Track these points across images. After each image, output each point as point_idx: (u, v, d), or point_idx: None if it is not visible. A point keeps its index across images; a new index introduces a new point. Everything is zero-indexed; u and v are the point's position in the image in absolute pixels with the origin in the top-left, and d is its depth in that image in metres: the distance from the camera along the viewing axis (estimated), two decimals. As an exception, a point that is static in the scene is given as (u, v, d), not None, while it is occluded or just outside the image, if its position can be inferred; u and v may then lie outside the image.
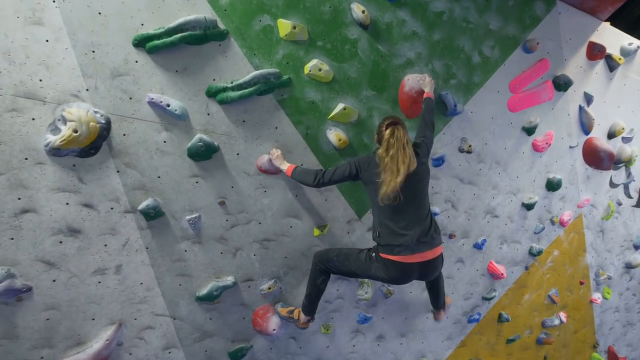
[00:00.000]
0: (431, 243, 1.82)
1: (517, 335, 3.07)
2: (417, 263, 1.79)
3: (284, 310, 2.14)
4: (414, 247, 1.77)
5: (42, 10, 1.60)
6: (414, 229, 1.78)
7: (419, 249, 1.78)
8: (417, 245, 1.78)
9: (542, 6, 2.54)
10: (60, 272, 1.72)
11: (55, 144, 1.63)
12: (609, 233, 3.29)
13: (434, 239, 1.83)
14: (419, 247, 1.78)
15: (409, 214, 1.80)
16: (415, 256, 1.78)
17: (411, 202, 1.80)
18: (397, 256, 1.78)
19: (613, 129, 3.00)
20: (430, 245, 1.82)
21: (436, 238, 1.85)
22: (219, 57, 1.89)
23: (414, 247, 1.77)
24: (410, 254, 1.77)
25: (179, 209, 1.90)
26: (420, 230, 1.79)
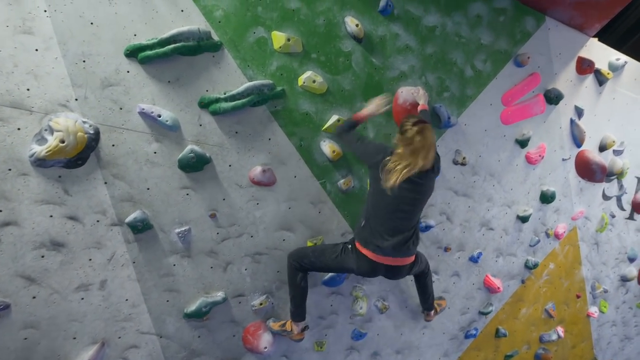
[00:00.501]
0: (406, 252, 1.90)
1: (515, 351, 3.02)
2: (386, 265, 1.88)
3: (275, 325, 2.08)
4: (388, 251, 1.84)
5: (33, 19, 1.58)
6: (396, 237, 1.84)
7: (392, 254, 1.86)
8: (392, 251, 1.85)
9: (532, 22, 2.60)
10: (41, 288, 1.65)
11: (40, 154, 1.59)
12: (603, 245, 3.29)
13: (409, 249, 1.91)
14: (393, 253, 1.86)
15: (399, 221, 1.84)
16: (386, 259, 1.86)
17: (407, 210, 1.84)
18: (370, 252, 1.85)
19: (604, 142, 3.04)
20: (404, 254, 1.90)
21: (412, 249, 1.92)
22: (212, 68, 1.88)
23: (389, 251, 1.84)
24: (382, 255, 1.85)
25: (168, 221, 1.85)
26: (402, 239, 1.85)
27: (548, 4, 2.56)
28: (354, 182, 2.23)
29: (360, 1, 2.11)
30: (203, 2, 1.83)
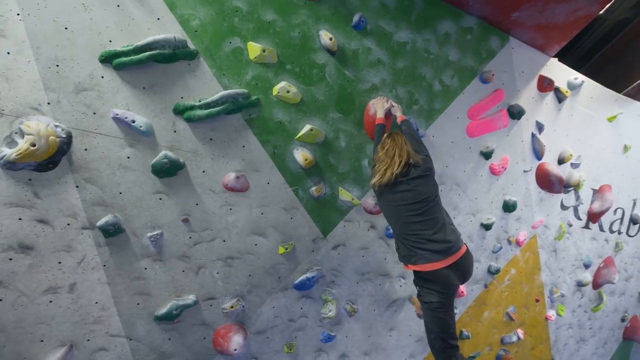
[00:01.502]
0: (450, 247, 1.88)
1: (477, 353, 3.21)
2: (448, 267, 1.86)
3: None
4: (429, 256, 1.85)
5: (5, 22, 1.62)
6: (428, 238, 1.86)
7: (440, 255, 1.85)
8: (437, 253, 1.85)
9: (497, 41, 2.80)
10: (8, 291, 1.67)
11: (10, 157, 1.62)
12: (561, 252, 3.54)
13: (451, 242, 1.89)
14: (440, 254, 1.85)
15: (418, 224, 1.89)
16: (436, 263, 1.85)
17: (417, 212, 1.89)
18: (424, 265, 1.86)
19: (562, 156, 3.29)
20: (450, 250, 1.88)
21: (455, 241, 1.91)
22: (187, 76, 1.95)
23: (429, 256, 1.85)
24: (437, 260, 1.84)
25: (141, 225, 1.91)
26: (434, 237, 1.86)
27: (512, 25, 2.76)
28: (326, 189, 2.35)
29: (334, 16, 2.23)
30: (180, 11, 1.90)
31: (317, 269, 2.38)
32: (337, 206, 2.41)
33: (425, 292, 1.92)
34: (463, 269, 1.91)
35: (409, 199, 1.91)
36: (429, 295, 1.91)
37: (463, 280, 1.96)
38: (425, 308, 1.95)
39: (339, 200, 2.40)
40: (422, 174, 1.96)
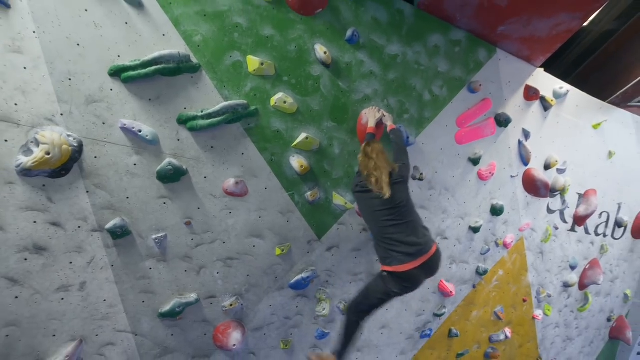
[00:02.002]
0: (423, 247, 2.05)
1: (466, 350, 3.38)
2: (416, 268, 2.02)
3: (315, 356, 2.28)
4: (407, 257, 2.01)
5: (22, 39, 1.77)
6: (403, 239, 2.02)
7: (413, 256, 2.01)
8: (410, 255, 2.01)
9: (484, 53, 2.97)
10: (23, 289, 1.82)
11: (26, 165, 1.77)
12: (547, 254, 3.72)
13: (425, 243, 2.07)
14: (413, 255, 2.01)
15: (393, 227, 2.04)
16: (412, 263, 2.01)
17: (391, 214, 2.06)
18: (397, 267, 2.02)
19: (548, 162, 3.46)
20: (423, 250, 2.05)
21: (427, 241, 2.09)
22: (190, 88, 2.11)
23: (408, 256, 2.01)
24: (408, 262, 2.00)
25: (146, 228, 2.06)
26: (407, 238, 2.03)
27: (498, 38, 2.94)
28: (320, 194, 2.50)
29: (329, 30, 2.39)
30: (183, 28, 2.05)
31: (311, 269, 2.54)
32: (331, 210, 2.57)
33: (392, 281, 2.07)
34: (432, 267, 2.10)
35: (386, 205, 2.06)
36: (394, 285, 2.06)
37: (430, 276, 2.14)
38: (380, 286, 2.10)
39: (332, 205, 2.56)
40: (396, 181, 2.11)
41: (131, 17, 1.94)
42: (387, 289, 2.08)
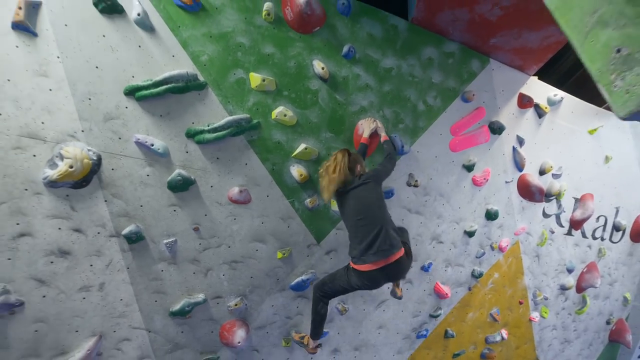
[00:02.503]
0: (389, 250, 2.14)
1: (462, 351, 3.57)
2: (379, 269, 2.14)
3: (297, 335, 2.62)
4: (372, 257, 2.13)
5: (48, 64, 2.02)
6: (371, 241, 2.14)
7: (378, 257, 2.12)
8: (375, 255, 2.12)
9: (478, 63, 3.17)
10: (50, 289, 2.08)
11: (52, 177, 2.02)
12: (544, 258, 3.90)
13: (391, 247, 2.15)
14: (378, 256, 2.12)
15: (363, 228, 2.18)
16: (376, 263, 2.13)
17: (362, 217, 2.19)
18: (361, 265, 2.16)
19: (543, 167, 3.64)
20: (389, 252, 2.14)
21: (393, 246, 2.16)
22: (198, 104, 2.34)
23: (373, 257, 2.13)
24: (371, 262, 2.13)
25: (158, 234, 2.30)
26: (376, 241, 2.14)
27: (491, 49, 3.13)
28: (319, 201, 2.73)
29: (326, 47, 2.62)
30: (191, 49, 2.29)
31: (311, 272, 2.77)
32: (329, 216, 2.79)
33: (354, 277, 2.23)
34: (392, 272, 2.19)
35: (355, 206, 2.24)
36: (355, 280, 2.23)
37: (392, 280, 2.29)
38: (345, 276, 2.30)
39: (331, 211, 2.78)
40: (362, 182, 2.27)
41: (144, 41, 2.19)
42: (350, 281, 2.27)
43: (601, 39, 0.99)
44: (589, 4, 1.00)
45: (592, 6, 1.00)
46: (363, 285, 2.24)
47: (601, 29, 0.98)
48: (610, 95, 0.97)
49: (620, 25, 0.94)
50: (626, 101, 0.93)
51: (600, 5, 0.97)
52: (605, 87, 0.99)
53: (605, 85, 0.99)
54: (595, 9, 0.98)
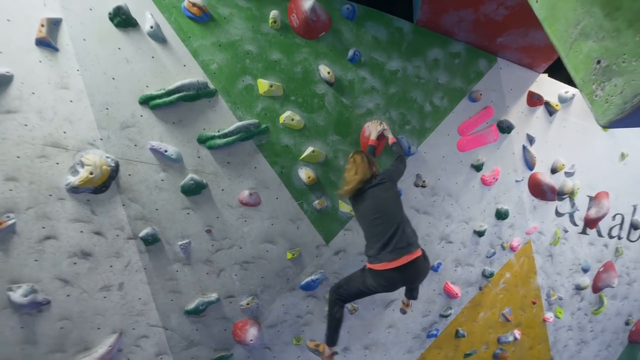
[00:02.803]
0: (406, 249, 2.17)
1: (473, 350, 3.60)
2: (395, 268, 2.14)
3: (311, 343, 2.69)
4: (389, 255, 2.15)
5: (68, 77, 2.17)
6: (387, 240, 2.18)
7: (394, 255, 2.14)
8: (391, 253, 2.15)
9: (485, 63, 3.20)
10: (74, 289, 2.23)
11: (74, 183, 2.17)
12: (557, 257, 3.88)
13: (409, 245, 2.19)
14: (394, 254, 2.14)
15: (380, 227, 2.23)
16: (392, 262, 2.14)
17: (379, 215, 2.26)
18: (378, 265, 2.19)
19: (555, 165, 3.63)
20: (406, 251, 2.16)
21: (411, 244, 2.20)
22: (208, 111, 2.46)
23: (390, 255, 2.15)
24: (387, 261, 2.15)
25: (173, 236, 2.44)
26: (393, 239, 2.17)
27: (498, 48, 3.15)
28: (327, 202, 2.82)
29: (332, 51, 2.70)
30: (201, 58, 2.41)
31: (320, 272, 2.86)
32: (337, 217, 2.88)
33: (371, 278, 2.26)
34: (409, 272, 2.19)
35: (372, 205, 2.31)
36: (372, 281, 2.25)
37: (409, 282, 2.31)
38: (360, 278, 2.34)
39: (339, 212, 2.87)
40: (379, 182, 2.37)
41: (156, 52, 2.32)
42: (365, 282, 2.30)
43: (584, 50, 1.04)
44: (573, 16, 1.06)
45: (575, 18, 1.05)
46: (379, 286, 2.23)
47: (583, 41, 1.04)
48: (592, 104, 1.03)
49: (599, 37, 1.00)
50: (605, 110, 0.99)
51: (582, 17, 1.03)
52: (588, 96, 1.05)
53: (587, 94, 1.05)
54: (578, 21, 1.04)
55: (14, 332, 2.14)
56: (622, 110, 0.93)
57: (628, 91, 0.92)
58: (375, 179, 2.41)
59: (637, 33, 0.92)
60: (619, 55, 0.95)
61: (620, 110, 0.94)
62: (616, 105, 0.95)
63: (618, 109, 0.95)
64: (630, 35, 0.93)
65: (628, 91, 0.92)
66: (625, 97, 0.93)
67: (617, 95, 0.95)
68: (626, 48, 0.94)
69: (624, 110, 0.93)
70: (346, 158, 2.83)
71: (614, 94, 0.96)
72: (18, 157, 2.08)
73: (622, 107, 0.93)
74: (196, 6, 2.32)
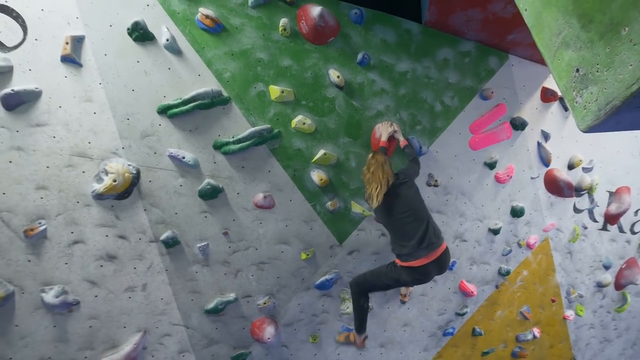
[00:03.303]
0: (435, 243, 2.36)
1: (491, 349, 3.59)
2: (428, 263, 2.33)
3: (341, 336, 2.85)
4: (421, 252, 2.32)
5: (92, 90, 2.31)
6: (417, 237, 2.33)
7: (425, 252, 2.32)
8: (423, 250, 2.32)
9: (496, 60, 3.19)
10: (101, 290, 2.37)
11: (99, 190, 2.31)
12: (577, 254, 3.81)
13: (437, 240, 2.38)
14: (425, 251, 2.32)
15: (409, 225, 2.36)
16: (425, 259, 2.32)
17: (406, 215, 2.37)
18: (411, 262, 2.35)
19: (572, 161, 3.57)
20: (435, 246, 2.35)
21: (438, 239, 2.39)
22: (223, 118, 2.56)
23: (422, 252, 2.32)
24: (420, 258, 2.32)
25: (192, 238, 2.55)
26: (422, 235, 2.34)
27: (509, 45, 3.14)
28: (339, 203, 2.87)
29: (341, 56, 2.76)
30: (215, 67, 2.51)
31: (335, 271, 2.92)
32: (350, 217, 2.93)
33: (405, 273, 2.39)
34: (442, 263, 2.40)
35: (400, 205, 2.40)
36: (406, 276, 2.40)
37: (441, 272, 2.46)
38: (391, 274, 2.46)
39: (351, 213, 2.92)
40: (402, 182, 2.46)
41: (173, 63, 2.43)
42: (399, 278, 2.42)
43: (565, 58, 1.08)
44: (555, 26, 1.09)
45: (557, 28, 1.09)
46: (414, 280, 2.40)
47: (564, 50, 1.07)
48: (573, 110, 1.06)
49: (577, 47, 1.03)
50: (584, 116, 1.02)
51: (563, 27, 1.06)
52: (570, 103, 1.08)
53: (569, 100, 1.08)
54: (560, 31, 1.07)
55: (48, 330, 2.29)
56: (598, 116, 0.97)
57: (602, 99, 0.96)
58: (398, 178, 2.49)
59: (607, 45, 0.95)
60: (593, 64, 0.99)
61: (596, 117, 0.97)
62: (592, 112, 0.99)
63: (594, 115, 0.98)
64: (601, 47, 0.96)
65: (602, 99, 0.96)
66: (600, 104, 0.96)
67: (593, 102, 0.98)
68: (598, 58, 0.97)
69: (599, 116, 0.96)
70: (357, 159, 2.88)
71: (591, 101, 0.99)
72: (47, 167, 2.23)
73: (597, 114, 0.97)
74: (209, 18, 2.42)
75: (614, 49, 0.97)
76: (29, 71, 2.17)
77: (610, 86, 0.98)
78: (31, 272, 2.24)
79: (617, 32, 0.96)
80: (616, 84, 0.97)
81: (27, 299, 2.24)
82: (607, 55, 0.98)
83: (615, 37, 0.97)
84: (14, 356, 2.25)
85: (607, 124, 1.03)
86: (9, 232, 2.19)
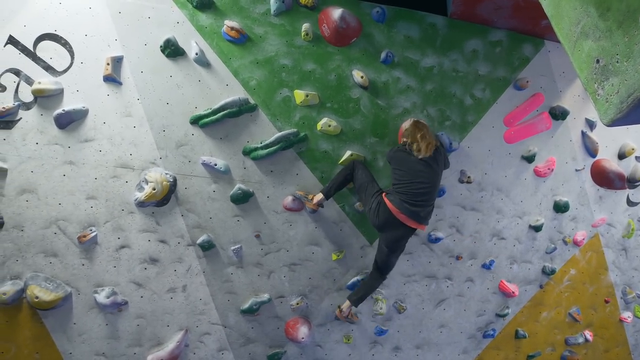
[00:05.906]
0: (424, 219, 2.50)
1: (537, 352, 3.43)
2: (401, 222, 2.45)
3: (302, 192, 2.78)
4: (409, 213, 2.43)
5: (131, 106, 2.52)
6: (419, 205, 2.44)
7: (411, 216, 2.43)
8: (412, 214, 2.43)
9: (530, 48, 3.06)
10: (145, 291, 2.58)
11: (141, 198, 2.52)
12: (633, 251, 3.55)
13: (426, 218, 2.52)
14: (412, 215, 2.44)
15: (420, 194, 2.45)
16: (406, 218, 2.43)
17: (425, 185, 2.46)
18: (395, 208, 2.43)
19: (623, 150, 3.33)
20: (422, 220, 2.49)
21: (427, 218, 2.54)
22: (250, 124, 2.69)
23: (409, 213, 2.43)
24: (403, 214, 2.42)
25: (226, 241, 2.70)
26: (423, 207, 2.47)
27: (544, 30, 2.99)
28: (368, 203, 2.90)
29: (364, 56, 2.79)
30: (241, 76, 2.64)
31: (365, 272, 2.96)
32: (380, 217, 2.95)
33: (379, 205, 2.50)
34: (405, 233, 2.53)
35: (424, 174, 2.47)
36: (376, 205, 2.50)
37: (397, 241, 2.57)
38: (370, 191, 2.57)
39: (381, 212, 2.94)
40: (436, 158, 2.53)
41: (202, 75, 2.59)
42: (372, 202, 2.51)
43: (585, 49, 1.05)
44: (574, 15, 1.06)
45: (576, 17, 1.06)
46: (376, 216, 2.49)
47: (584, 40, 1.05)
48: (596, 103, 1.03)
49: (597, 37, 1.00)
50: (607, 109, 0.99)
51: (581, 17, 1.04)
52: (591, 95, 1.05)
53: (591, 93, 1.05)
54: (579, 20, 1.05)
55: (101, 328, 2.54)
56: (620, 109, 0.93)
57: (623, 91, 0.92)
58: (438, 153, 2.56)
59: (626, 34, 0.92)
60: (613, 55, 0.96)
61: (618, 110, 0.94)
62: (615, 104, 0.96)
63: (617, 108, 0.95)
64: (620, 36, 0.93)
65: (623, 91, 0.92)
66: (621, 96, 0.93)
67: (615, 94, 0.95)
68: (618, 48, 0.94)
69: (622, 109, 0.93)
70: (384, 159, 2.88)
71: (612, 93, 0.96)
72: (95, 178, 2.47)
73: (619, 107, 0.93)
74: (234, 29, 2.55)
75: (632, 38, 0.94)
76: (76, 92, 2.42)
77: (631, 77, 0.95)
78: (85, 274, 2.50)
79: (635, 20, 0.93)
80: (636, 75, 0.94)
81: (83, 300, 2.50)
82: (626, 45, 0.95)
83: (633, 25, 0.94)
84: (74, 351, 2.52)
85: (631, 117, 1.00)
86: (65, 238, 2.46)
